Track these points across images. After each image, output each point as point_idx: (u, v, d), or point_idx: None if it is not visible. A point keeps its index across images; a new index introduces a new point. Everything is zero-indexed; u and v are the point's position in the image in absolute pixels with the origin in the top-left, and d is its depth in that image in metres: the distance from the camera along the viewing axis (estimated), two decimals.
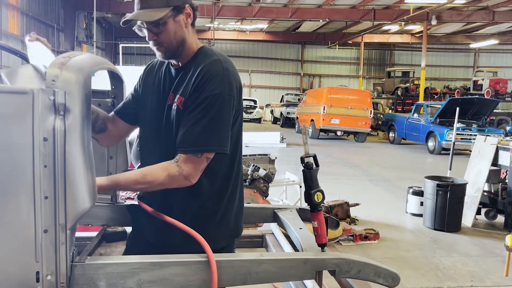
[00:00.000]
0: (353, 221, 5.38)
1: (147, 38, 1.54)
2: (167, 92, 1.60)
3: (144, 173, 1.48)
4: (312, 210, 1.56)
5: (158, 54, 1.57)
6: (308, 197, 1.53)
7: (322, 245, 1.56)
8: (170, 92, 1.58)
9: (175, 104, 1.54)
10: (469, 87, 22.91)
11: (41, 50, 1.64)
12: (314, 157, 1.57)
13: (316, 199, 1.52)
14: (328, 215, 1.92)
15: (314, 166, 1.56)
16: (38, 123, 1.16)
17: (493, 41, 23.78)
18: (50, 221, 1.19)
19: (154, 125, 1.62)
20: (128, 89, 2.06)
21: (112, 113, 1.73)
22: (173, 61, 1.60)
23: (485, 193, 5.67)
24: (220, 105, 1.47)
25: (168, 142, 1.55)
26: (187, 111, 1.49)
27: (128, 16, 1.51)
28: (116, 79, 1.88)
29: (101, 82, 2.11)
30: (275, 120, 24.24)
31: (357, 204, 5.62)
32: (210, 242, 1.42)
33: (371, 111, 15.90)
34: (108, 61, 1.74)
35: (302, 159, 1.56)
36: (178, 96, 1.54)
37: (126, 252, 1.71)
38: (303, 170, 1.55)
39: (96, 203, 1.81)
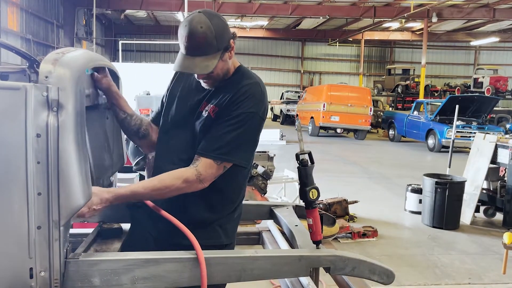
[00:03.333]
0: (352, 218, 5.38)
1: (196, 76, 1.58)
2: (199, 99, 1.63)
3: (161, 179, 1.49)
4: (307, 207, 1.55)
5: (204, 85, 1.60)
6: (303, 194, 1.53)
7: (317, 242, 1.56)
8: (204, 100, 1.61)
9: (206, 111, 1.57)
10: (470, 85, 22.87)
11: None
12: (309, 154, 1.56)
13: (311, 196, 1.52)
14: (323, 212, 1.92)
15: (309, 163, 1.55)
16: (31, 119, 1.16)
17: (493, 39, 23.71)
18: (43, 218, 1.19)
19: (177, 127, 1.64)
20: (125, 86, 2.05)
21: (150, 121, 1.78)
22: None
23: (484, 191, 5.67)
24: (252, 123, 1.54)
25: (187, 144, 1.60)
26: (219, 121, 1.52)
27: (182, 67, 1.49)
28: (112, 75, 1.87)
29: None
30: (275, 118, 24.22)
31: (355, 202, 5.62)
32: (212, 239, 1.50)
33: (371, 108, 15.88)
34: (103, 58, 1.74)
35: (297, 156, 1.55)
36: (211, 105, 1.57)
37: (125, 248, 1.70)
38: (298, 167, 1.55)
39: None
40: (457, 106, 6.36)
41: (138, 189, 1.47)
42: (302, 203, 1.66)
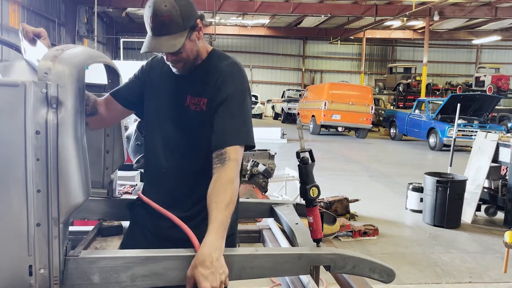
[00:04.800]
0: (353, 216, 5.38)
1: (165, 59, 1.55)
2: (181, 92, 1.59)
3: (220, 193, 1.40)
4: (307, 205, 1.55)
5: (174, 70, 1.57)
6: (304, 192, 1.52)
7: (317, 240, 1.55)
8: (187, 93, 1.58)
9: (196, 105, 1.55)
10: (471, 84, 22.81)
11: (35, 44, 1.61)
12: (310, 152, 1.56)
13: (311, 194, 1.51)
14: (324, 210, 1.92)
15: (310, 161, 1.55)
16: (30, 116, 1.15)
17: (495, 37, 23.63)
18: (42, 215, 1.19)
19: (166, 124, 1.61)
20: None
21: (108, 95, 1.70)
22: None
23: (485, 190, 5.66)
24: (246, 100, 1.54)
25: (181, 141, 1.57)
26: (219, 108, 1.50)
27: (148, 47, 1.47)
28: (112, 73, 1.86)
29: (98, 76, 2.10)
30: (276, 116, 24.20)
31: (356, 200, 5.62)
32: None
33: (372, 107, 15.86)
34: (103, 55, 1.73)
35: (297, 154, 1.55)
36: (198, 98, 1.55)
37: (125, 246, 1.70)
38: (298, 165, 1.55)
39: (92, 197, 1.82)
40: (458, 105, 6.34)
41: (223, 218, 1.36)
42: (302, 201, 1.65)
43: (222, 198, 1.38)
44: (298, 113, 18.53)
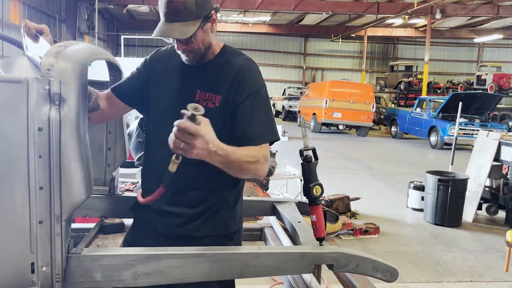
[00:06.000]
0: (354, 215, 5.37)
1: (176, 48, 1.52)
2: (190, 87, 1.56)
3: (247, 149, 1.43)
4: (310, 203, 1.54)
5: (185, 59, 1.55)
6: (307, 190, 1.51)
7: (320, 239, 1.54)
8: (196, 88, 1.55)
9: (207, 101, 1.52)
10: (473, 82, 22.76)
11: (37, 40, 1.60)
12: (313, 150, 1.55)
13: (314, 193, 1.50)
14: (327, 209, 1.91)
15: (313, 159, 1.54)
16: (33, 113, 1.15)
17: (497, 36, 23.55)
18: (45, 212, 1.18)
19: (171, 120, 1.56)
20: None
21: (108, 90, 1.67)
22: None
23: (487, 189, 5.66)
24: (267, 95, 1.57)
25: None
26: (243, 103, 1.49)
27: (160, 32, 1.45)
28: (114, 70, 1.85)
29: (100, 73, 2.09)
30: (277, 114, 24.15)
31: (357, 198, 5.61)
32: (223, 228, 1.54)
33: (373, 105, 15.83)
34: (106, 52, 1.72)
35: (301, 152, 1.54)
36: (210, 94, 1.52)
37: (129, 244, 1.67)
38: (302, 164, 1.53)
39: (94, 195, 1.81)
40: (460, 103, 6.33)
41: (233, 154, 1.35)
42: (304, 200, 1.64)
43: (246, 152, 1.41)
44: (299, 111, 18.50)
